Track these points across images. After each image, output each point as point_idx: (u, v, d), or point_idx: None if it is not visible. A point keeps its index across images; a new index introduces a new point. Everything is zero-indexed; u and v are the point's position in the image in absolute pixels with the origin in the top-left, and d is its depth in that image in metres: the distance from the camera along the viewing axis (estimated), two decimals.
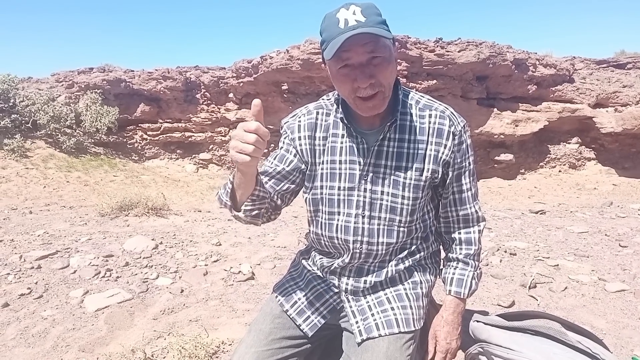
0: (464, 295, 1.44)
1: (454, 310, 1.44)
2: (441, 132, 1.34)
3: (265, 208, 1.33)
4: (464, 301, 1.47)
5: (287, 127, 1.45)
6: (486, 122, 11.07)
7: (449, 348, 1.42)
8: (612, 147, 11.45)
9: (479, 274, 1.49)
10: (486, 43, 10.61)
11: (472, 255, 1.47)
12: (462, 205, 1.43)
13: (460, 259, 1.47)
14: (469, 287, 1.45)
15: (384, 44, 1.19)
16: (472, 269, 1.47)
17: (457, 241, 1.48)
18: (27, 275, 3.34)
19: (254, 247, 4.27)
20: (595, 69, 12.23)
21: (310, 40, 10.21)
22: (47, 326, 2.59)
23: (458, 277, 1.46)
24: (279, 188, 1.40)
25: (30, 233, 4.68)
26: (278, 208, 1.43)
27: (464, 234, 1.47)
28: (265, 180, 1.38)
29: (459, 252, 1.47)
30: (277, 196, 1.40)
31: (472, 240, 1.46)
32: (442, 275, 1.52)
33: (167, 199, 6.70)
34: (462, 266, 1.47)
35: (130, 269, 3.55)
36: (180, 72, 12.24)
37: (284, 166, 1.40)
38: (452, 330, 1.42)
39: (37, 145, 10.03)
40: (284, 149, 1.44)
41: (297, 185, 1.44)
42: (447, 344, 1.41)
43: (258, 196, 1.26)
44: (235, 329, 2.59)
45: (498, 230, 5.06)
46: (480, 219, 1.48)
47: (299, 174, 1.42)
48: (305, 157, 1.42)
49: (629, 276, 3.29)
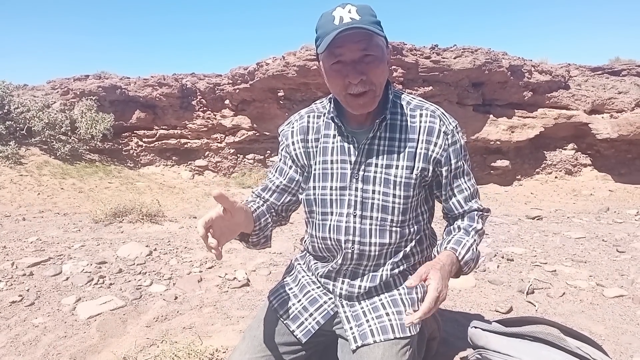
0: (459, 254, 1.33)
1: (446, 261, 1.29)
2: (432, 130, 1.34)
3: (270, 231, 1.43)
4: (458, 262, 1.33)
5: (282, 135, 1.50)
6: (482, 128, 11.09)
7: (440, 288, 1.20)
8: (608, 153, 11.48)
9: (478, 252, 1.39)
10: (482, 50, 10.65)
11: (474, 228, 1.40)
12: (465, 203, 1.42)
13: (462, 227, 1.41)
14: (466, 249, 1.34)
15: (376, 43, 1.21)
16: (472, 239, 1.39)
17: (459, 219, 1.45)
18: (19, 283, 3.29)
19: (249, 254, 4.23)
20: (591, 75, 12.27)
21: (306, 47, 10.22)
22: (38, 334, 2.55)
23: (457, 239, 1.38)
24: (281, 202, 1.47)
25: (23, 240, 4.63)
26: (285, 219, 1.52)
27: (467, 215, 1.44)
28: (267, 196, 1.46)
29: (460, 223, 1.43)
30: (282, 208, 1.48)
31: (475, 218, 1.42)
32: (437, 246, 1.44)
33: (162, 205, 6.65)
34: (463, 233, 1.40)
35: (124, 275, 3.51)
36: (176, 79, 12.23)
37: (282, 179, 1.46)
38: (446, 275, 1.26)
39: (32, 152, 9.98)
40: (282, 161, 1.49)
41: (297, 196, 1.49)
42: (442, 280, 1.21)
43: (260, 229, 1.36)
44: (229, 336, 2.55)
45: (495, 235, 5.04)
46: (485, 210, 1.46)
47: (297, 186, 1.47)
48: (300, 160, 1.44)
49: (627, 281, 3.26)
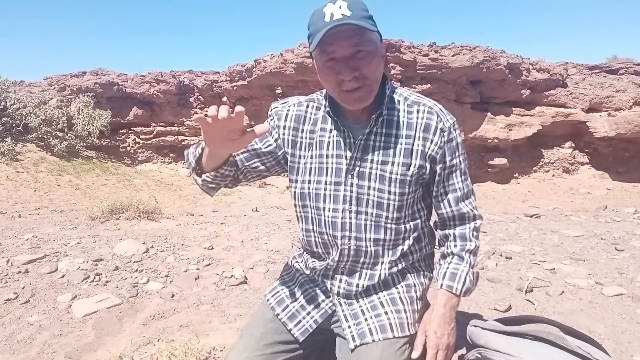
0: (456, 290, 1.35)
1: (445, 304, 1.34)
2: (429, 127, 1.32)
3: (225, 183, 1.41)
4: (458, 297, 1.37)
5: (274, 113, 1.46)
6: (480, 126, 11.08)
7: (439, 343, 1.30)
8: (606, 152, 11.50)
9: (476, 274, 1.41)
10: (480, 47, 10.64)
11: (468, 250, 1.40)
12: (456, 204, 1.39)
13: (455, 253, 1.40)
14: (462, 282, 1.35)
15: (369, 38, 1.19)
16: (467, 264, 1.38)
17: (451, 237, 1.42)
18: (14, 280, 3.26)
19: (246, 251, 4.21)
20: (588, 74, 12.28)
21: (304, 44, 10.19)
22: (33, 332, 2.52)
23: (451, 271, 1.37)
24: (248, 164, 1.43)
25: (18, 237, 4.60)
26: (237, 182, 1.48)
27: (458, 230, 1.41)
28: (238, 152, 1.42)
29: (453, 247, 1.41)
30: (243, 170, 1.44)
31: (467, 236, 1.41)
32: (435, 272, 1.44)
33: (159, 202, 6.62)
34: (457, 261, 1.39)
35: (120, 273, 3.49)
36: (174, 76, 12.20)
37: (260, 145, 1.43)
38: (442, 324, 1.32)
39: (28, 148, 9.94)
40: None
41: (266, 168, 1.46)
42: (437, 338, 1.31)
43: (222, 174, 1.35)
44: (227, 335, 2.53)
45: (493, 233, 5.04)
46: (476, 216, 1.43)
47: (272, 159, 1.44)
48: (285, 146, 1.43)
49: (627, 280, 3.26)
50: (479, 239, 1.45)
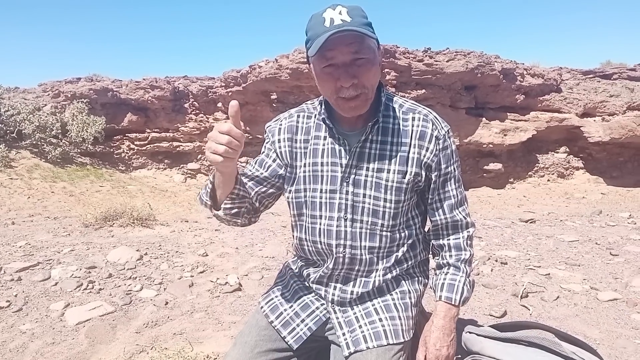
0: (455, 301, 1.36)
1: (445, 315, 1.35)
2: (424, 134, 1.32)
3: (246, 207, 1.35)
4: (457, 308, 1.38)
5: (269, 131, 1.46)
6: (475, 131, 11.10)
7: (439, 355, 1.32)
8: (600, 157, 11.54)
9: (472, 282, 1.42)
10: (474, 53, 10.69)
11: (463, 260, 1.40)
12: (450, 211, 1.39)
13: (451, 264, 1.41)
14: (460, 292, 1.36)
15: (368, 46, 1.19)
16: (464, 274, 1.39)
17: (446, 247, 1.42)
18: (7, 288, 3.23)
19: (241, 258, 4.19)
20: (582, 79, 12.34)
21: (299, 50, 10.20)
22: (26, 340, 2.50)
23: (449, 282, 1.38)
24: (257, 189, 1.40)
25: (11, 244, 4.56)
26: (257, 211, 1.44)
27: (452, 240, 1.42)
28: (246, 181, 1.38)
29: (449, 257, 1.42)
30: (257, 198, 1.41)
31: (462, 245, 1.41)
32: (432, 283, 1.44)
33: (153, 209, 6.59)
34: (453, 271, 1.40)
35: (114, 280, 3.46)
36: (169, 82, 12.16)
37: (262, 171, 1.41)
38: (442, 336, 1.33)
39: (22, 155, 9.87)
40: (265, 153, 1.45)
41: (276, 189, 1.44)
42: (436, 350, 1.32)
43: (238, 195, 1.28)
44: (221, 342, 2.51)
45: (488, 239, 5.04)
46: (470, 224, 1.43)
47: (277, 179, 1.42)
48: (285, 159, 1.41)
49: (621, 285, 3.26)
50: (473, 247, 1.46)
